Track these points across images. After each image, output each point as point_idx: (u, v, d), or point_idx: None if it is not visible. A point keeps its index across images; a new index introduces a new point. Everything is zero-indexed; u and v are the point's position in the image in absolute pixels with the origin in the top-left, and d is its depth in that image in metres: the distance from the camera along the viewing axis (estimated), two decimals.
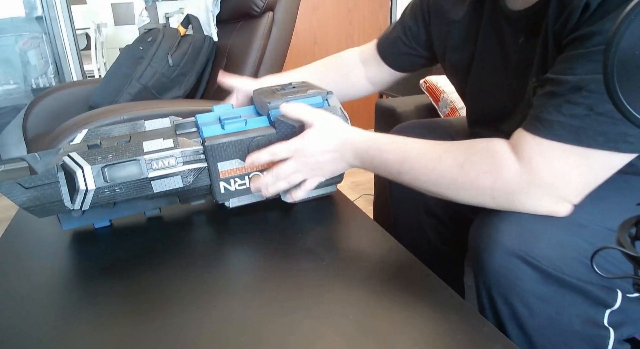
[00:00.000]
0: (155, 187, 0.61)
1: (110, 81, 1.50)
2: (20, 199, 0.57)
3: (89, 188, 0.58)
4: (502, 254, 0.50)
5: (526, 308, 0.51)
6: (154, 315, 0.50)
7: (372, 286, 0.53)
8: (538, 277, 0.49)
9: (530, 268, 0.49)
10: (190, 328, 0.47)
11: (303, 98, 0.67)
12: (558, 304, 0.50)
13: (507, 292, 0.51)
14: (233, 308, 0.50)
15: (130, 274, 0.57)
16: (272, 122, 0.66)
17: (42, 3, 2.14)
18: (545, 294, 0.50)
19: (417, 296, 0.51)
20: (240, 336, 0.46)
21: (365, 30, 2.86)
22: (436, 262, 0.66)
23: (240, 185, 0.66)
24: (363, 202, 1.92)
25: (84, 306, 0.52)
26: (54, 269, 0.60)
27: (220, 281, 0.55)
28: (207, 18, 1.54)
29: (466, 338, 0.44)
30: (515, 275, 0.49)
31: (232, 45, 1.48)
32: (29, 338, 0.47)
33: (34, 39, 2.25)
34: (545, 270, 0.48)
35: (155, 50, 1.43)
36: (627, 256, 0.30)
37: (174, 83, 1.43)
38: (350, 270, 0.56)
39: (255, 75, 1.41)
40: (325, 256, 0.59)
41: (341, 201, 0.76)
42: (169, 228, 0.69)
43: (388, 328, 0.46)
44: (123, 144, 0.61)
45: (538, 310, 0.51)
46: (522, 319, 0.51)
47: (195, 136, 0.64)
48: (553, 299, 0.50)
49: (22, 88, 2.32)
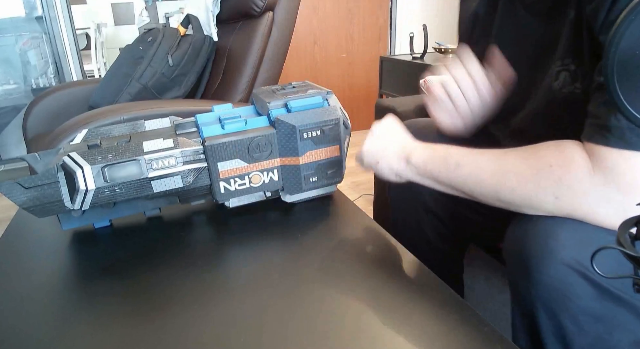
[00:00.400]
0: (155, 187, 0.61)
1: (110, 81, 1.50)
2: (20, 199, 0.57)
3: (89, 188, 0.58)
4: (559, 265, 0.45)
5: (575, 326, 0.47)
6: (154, 315, 0.50)
7: (372, 286, 0.53)
8: (595, 293, 0.45)
9: (588, 283, 0.44)
10: (190, 328, 0.47)
11: (303, 98, 0.67)
12: (611, 323, 0.46)
13: (556, 306, 0.47)
14: (233, 308, 0.50)
15: (130, 274, 0.57)
16: (272, 122, 0.66)
17: (42, 3, 2.14)
18: (599, 312, 0.46)
19: (417, 295, 0.51)
20: (240, 336, 0.46)
21: (365, 30, 2.86)
22: (436, 262, 0.66)
23: (240, 185, 0.66)
24: (363, 202, 1.92)
25: (84, 306, 0.52)
26: (54, 269, 0.60)
27: (220, 281, 0.55)
28: (207, 18, 1.54)
29: (466, 338, 0.44)
30: (570, 290, 0.45)
31: (232, 45, 1.48)
32: (29, 338, 0.47)
33: (34, 39, 2.25)
34: (604, 287, 0.44)
35: (155, 50, 1.43)
36: (627, 256, 0.30)
37: (174, 83, 1.43)
38: (350, 270, 0.56)
39: (255, 75, 1.40)
40: (325, 256, 0.59)
41: (341, 201, 0.76)
42: (169, 228, 0.69)
43: (388, 328, 0.46)
44: (123, 144, 0.61)
45: (588, 328, 0.46)
46: (568, 336, 0.47)
47: (195, 136, 0.64)
48: (606, 317, 0.46)
49: (22, 88, 2.32)
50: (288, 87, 0.72)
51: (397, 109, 1.38)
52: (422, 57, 2.25)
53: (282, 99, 0.66)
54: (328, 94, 0.69)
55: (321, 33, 2.78)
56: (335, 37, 2.81)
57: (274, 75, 1.45)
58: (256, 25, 1.40)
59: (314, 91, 0.69)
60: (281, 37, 1.42)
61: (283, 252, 0.61)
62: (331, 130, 0.67)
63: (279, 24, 1.41)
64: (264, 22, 1.39)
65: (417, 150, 0.59)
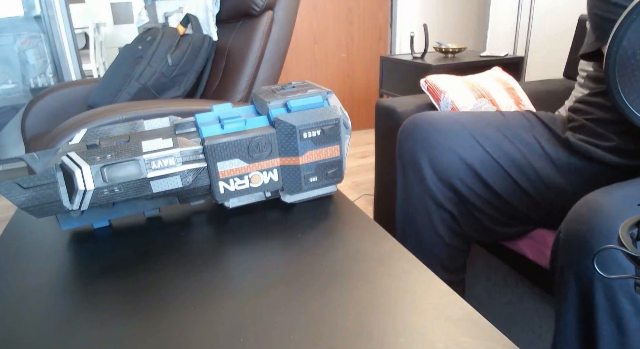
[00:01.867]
0: (154, 187, 0.61)
1: (109, 81, 1.50)
2: (18, 199, 0.57)
3: (87, 188, 0.58)
4: None
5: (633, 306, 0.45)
6: (153, 315, 0.49)
7: (372, 286, 0.53)
8: None
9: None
10: (189, 328, 0.47)
11: (303, 98, 0.67)
12: None
13: (615, 284, 0.45)
14: (233, 308, 0.50)
15: (130, 274, 0.57)
16: (272, 122, 0.66)
17: (40, 2, 2.14)
18: None
19: (417, 296, 0.51)
20: (240, 336, 0.46)
21: (365, 30, 2.86)
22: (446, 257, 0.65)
23: (240, 185, 0.66)
24: (363, 202, 1.92)
25: (83, 306, 0.52)
26: (52, 270, 0.60)
27: (219, 281, 0.55)
28: (206, 17, 1.54)
29: (466, 338, 0.44)
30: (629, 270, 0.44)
31: (231, 45, 1.48)
32: (28, 338, 0.47)
33: (33, 39, 2.25)
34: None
35: (154, 50, 1.42)
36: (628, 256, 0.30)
37: (174, 83, 1.43)
38: (350, 270, 0.56)
39: (255, 75, 1.40)
40: (325, 256, 0.59)
41: (341, 201, 0.75)
42: (168, 228, 0.69)
43: (388, 328, 0.46)
44: (122, 143, 0.61)
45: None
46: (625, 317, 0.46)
47: (195, 136, 0.64)
48: None
49: (21, 88, 2.32)
50: (288, 87, 0.72)
51: (397, 109, 1.38)
52: (423, 57, 2.25)
53: (282, 99, 0.66)
54: (328, 94, 0.69)
55: (321, 33, 2.78)
56: (335, 37, 2.81)
57: (273, 75, 1.45)
58: (256, 25, 1.39)
59: (314, 91, 0.69)
60: (281, 37, 1.42)
61: (283, 252, 0.61)
62: (331, 130, 0.67)
63: (278, 23, 1.41)
64: (263, 21, 1.39)
65: None
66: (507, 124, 0.84)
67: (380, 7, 2.88)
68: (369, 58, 2.94)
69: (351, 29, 2.85)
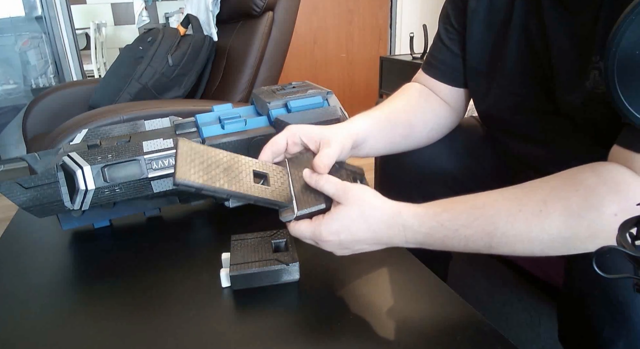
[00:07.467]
0: (155, 187, 0.61)
1: (110, 81, 1.50)
2: (20, 199, 0.57)
3: (88, 188, 0.58)
4: None
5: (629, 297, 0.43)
6: (153, 315, 0.50)
7: (372, 286, 0.53)
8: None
9: None
10: (189, 328, 0.47)
11: (303, 98, 0.67)
12: None
13: None
14: (232, 308, 0.50)
15: (130, 274, 0.57)
16: (272, 122, 0.66)
17: (41, 3, 2.14)
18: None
19: (418, 296, 0.51)
20: (240, 335, 0.46)
21: (365, 30, 2.86)
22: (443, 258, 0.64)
23: None
24: None
25: (83, 305, 0.52)
26: (53, 269, 0.60)
27: (219, 281, 0.55)
28: (207, 18, 1.54)
29: (466, 338, 0.44)
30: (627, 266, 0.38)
31: (232, 45, 1.48)
32: (28, 338, 0.47)
33: (34, 39, 2.25)
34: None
35: (155, 50, 1.42)
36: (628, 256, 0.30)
37: (174, 83, 1.43)
38: (350, 270, 0.56)
39: (255, 75, 1.40)
40: (325, 256, 0.59)
41: None
42: (168, 228, 0.69)
43: (388, 328, 0.46)
44: (123, 144, 0.61)
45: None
46: None
47: (195, 136, 0.64)
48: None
49: (22, 88, 2.32)
50: (288, 87, 0.72)
51: None
52: (422, 57, 2.24)
53: (282, 99, 0.66)
54: (328, 94, 0.69)
55: (321, 33, 2.78)
56: (335, 37, 2.81)
57: (274, 75, 1.45)
58: (256, 25, 1.40)
59: (314, 91, 0.69)
60: (281, 37, 1.42)
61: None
62: None
63: (279, 23, 1.41)
64: (264, 22, 1.39)
65: (416, 237, 0.46)
66: None
67: (380, 7, 2.88)
68: (369, 58, 2.94)
69: (351, 29, 2.85)
